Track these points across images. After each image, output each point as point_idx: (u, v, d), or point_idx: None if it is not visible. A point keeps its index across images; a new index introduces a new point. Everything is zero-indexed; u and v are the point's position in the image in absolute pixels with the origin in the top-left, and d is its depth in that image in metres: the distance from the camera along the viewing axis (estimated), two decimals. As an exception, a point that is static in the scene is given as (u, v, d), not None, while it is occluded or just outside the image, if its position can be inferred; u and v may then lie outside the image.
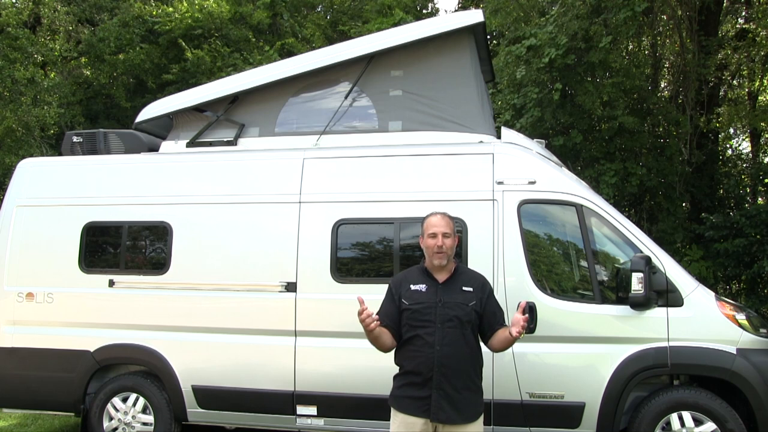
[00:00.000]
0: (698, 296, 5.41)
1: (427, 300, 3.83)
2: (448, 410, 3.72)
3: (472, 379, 3.86)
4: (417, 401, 3.77)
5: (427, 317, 3.78)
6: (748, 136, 16.30)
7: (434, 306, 3.80)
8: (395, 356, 3.94)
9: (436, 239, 3.88)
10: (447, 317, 3.73)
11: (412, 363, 3.81)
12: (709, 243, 11.60)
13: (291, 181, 6.10)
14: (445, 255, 3.88)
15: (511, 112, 11.98)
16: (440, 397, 3.72)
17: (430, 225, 3.96)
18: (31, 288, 6.45)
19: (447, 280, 3.91)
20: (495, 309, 3.96)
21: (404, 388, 3.84)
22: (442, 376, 3.72)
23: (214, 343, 6.01)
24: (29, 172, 6.82)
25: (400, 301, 3.83)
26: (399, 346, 3.91)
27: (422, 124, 6.17)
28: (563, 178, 5.83)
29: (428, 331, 3.76)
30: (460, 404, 3.76)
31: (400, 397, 3.85)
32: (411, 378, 3.81)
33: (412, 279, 3.97)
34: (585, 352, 5.41)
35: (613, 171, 11.19)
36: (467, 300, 3.80)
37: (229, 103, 6.59)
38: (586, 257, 5.60)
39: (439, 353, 3.72)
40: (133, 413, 6.23)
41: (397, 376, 3.93)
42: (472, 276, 4.09)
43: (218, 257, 6.12)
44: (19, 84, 13.86)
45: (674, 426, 5.28)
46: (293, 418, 5.85)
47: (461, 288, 3.88)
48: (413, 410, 3.77)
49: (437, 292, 3.85)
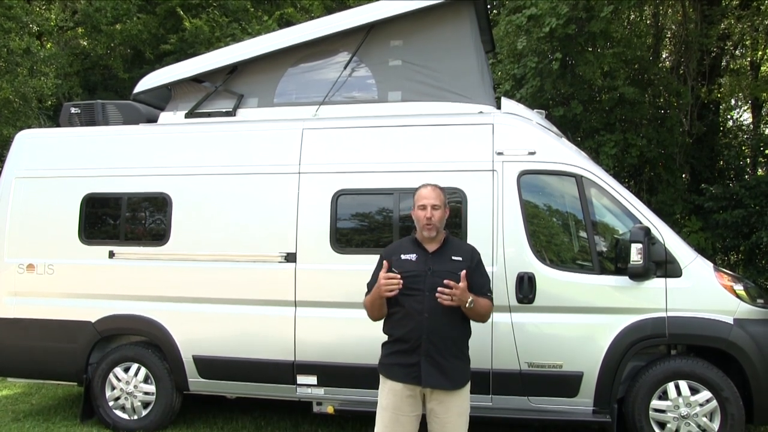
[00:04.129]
0: (697, 267, 5.43)
1: (417, 269, 3.86)
2: (436, 376, 3.78)
3: (459, 347, 3.92)
4: (406, 368, 3.82)
5: (416, 286, 3.81)
6: (749, 107, 16.20)
7: (424, 275, 3.83)
8: (384, 325, 3.99)
9: (425, 211, 3.91)
10: (436, 286, 3.76)
11: (401, 331, 3.85)
12: (709, 214, 11.62)
13: (290, 152, 6.08)
14: (434, 227, 3.91)
15: (511, 83, 11.89)
16: (428, 363, 3.77)
17: (420, 197, 3.99)
18: (32, 259, 6.47)
19: (437, 250, 3.95)
20: (481, 279, 3.98)
21: (393, 356, 3.89)
22: (430, 343, 3.77)
23: (214, 314, 6.04)
24: (27, 144, 6.80)
25: (391, 270, 3.86)
26: (388, 315, 3.95)
27: (422, 94, 6.13)
28: (563, 149, 5.81)
29: (417, 300, 3.79)
30: (448, 371, 3.81)
31: (389, 365, 3.91)
32: (400, 345, 3.86)
33: (403, 249, 4.00)
34: (583, 323, 5.45)
35: (613, 142, 11.15)
36: (456, 269, 3.82)
37: (228, 74, 6.55)
38: (586, 228, 5.61)
39: (427, 321, 3.77)
40: (135, 383, 6.29)
41: (386, 344, 3.98)
42: (461, 246, 4.13)
43: (218, 228, 6.12)
44: (15, 54, 13.72)
45: (671, 395, 5.34)
46: (293, 388, 5.90)
47: (451, 257, 3.91)
48: (402, 377, 3.83)
49: (427, 261, 3.89)
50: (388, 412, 3.86)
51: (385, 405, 3.88)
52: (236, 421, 6.61)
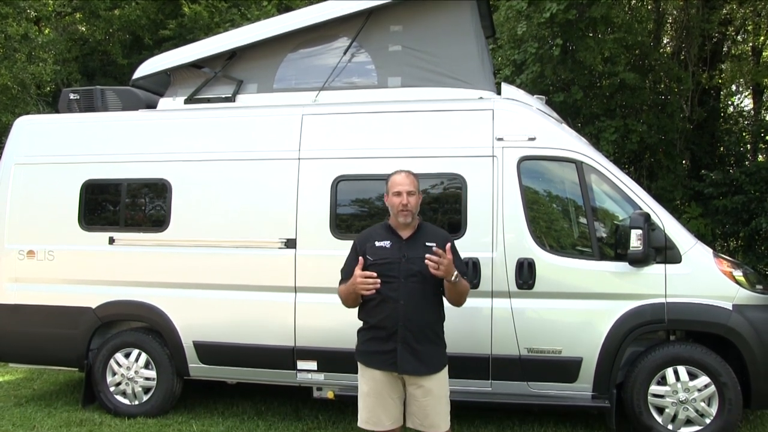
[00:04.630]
0: (696, 253, 5.43)
1: (391, 256, 3.87)
2: (413, 362, 3.80)
3: (435, 332, 3.93)
4: (383, 355, 3.84)
5: (391, 273, 3.82)
6: (750, 93, 16.16)
7: (398, 262, 3.84)
8: (359, 312, 4.01)
9: (401, 197, 3.91)
10: (410, 272, 3.78)
11: (376, 318, 3.87)
12: (708, 200, 11.62)
13: (290, 138, 6.06)
14: (410, 213, 3.91)
15: (511, 68, 11.86)
16: (405, 350, 3.79)
17: (394, 183, 3.98)
18: (32, 246, 6.47)
19: (411, 236, 3.95)
20: (456, 262, 3.93)
21: (369, 343, 3.92)
22: (406, 329, 3.79)
23: (214, 300, 6.05)
24: (26, 130, 6.78)
25: (365, 257, 3.87)
26: (363, 302, 3.96)
27: (422, 79, 6.11)
28: (563, 135, 5.80)
29: (392, 287, 3.80)
30: (424, 356, 3.83)
31: (366, 352, 3.94)
32: (376, 332, 3.88)
33: (377, 236, 4.00)
34: (583, 308, 5.46)
35: (613, 128, 11.14)
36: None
37: (227, 59, 6.52)
38: (586, 214, 5.61)
39: (403, 308, 3.78)
40: (135, 368, 6.31)
41: (362, 331, 4.00)
42: (435, 232, 4.11)
43: (217, 214, 6.12)
44: (13, 40, 13.64)
45: (669, 380, 5.36)
46: (293, 373, 5.92)
47: (424, 244, 3.89)
48: (379, 364, 3.86)
49: (401, 248, 3.89)
50: (371, 397, 3.90)
51: (367, 391, 3.92)
52: (237, 406, 6.64)
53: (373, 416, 3.89)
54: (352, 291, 3.84)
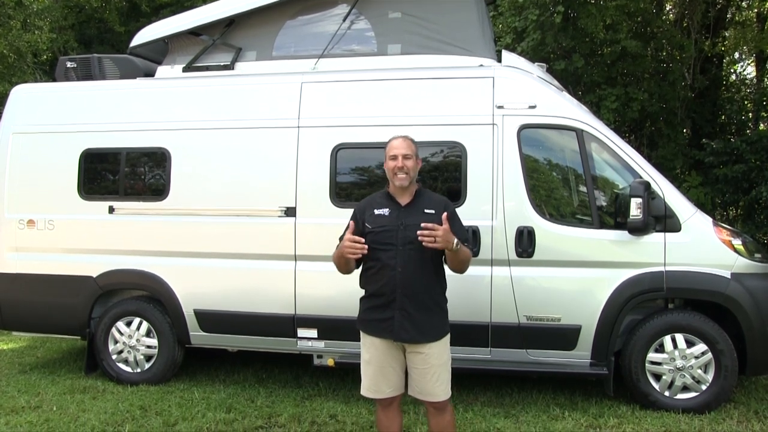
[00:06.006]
0: (696, 222, 5.44)
1: (389, 223, 3.85)
2: (410, 330, 3.79)
3: (434, 300, 3.90)
4: (381, 323, 3.84)
5: (388, 240, 3.80)
6: (753, 61, 15.99)
7: (396, 229, 3.82)
8: (360, 280, 4.00)
9: (396, 161, 3.88)
10: (408, 240, 3.76)
11: (375, 285, 3.86)
12: (709, 169, 11.60)
13: (289, 106, 6.03)
14: (407, 177, 3.87)
15: (512, 36, 11.75)
16: (403, 317, 3.78)
17: (391, 147, 3.96)
18: (32, 215, 6.48)
19: (409, 203, 3.92)
20: (456, 228, 3.89)
21: (369, 311, 3.92)
22: (404, 297, 3.78)
23: (214, 268, 6.07)
24: (24, 99, 6.75)
25: (364, 225, 3.86)
26: (363, 270, 3.96)
27: (422, 47, 6.06)
28: (564, 103, 5.76)
29: (390, 255, 3.79)
30: (422, 324, 3.81)
31: (366, 320, 3.94)
32: (375, 300, 3.88)
33: (376, 204, 3.98)
34: (582, 276, 5.48)
35: (614, 96, 11.07)
36: (429, 222, 3.80)
37: (226, 27, 6.45)
38: (586, 182, 5.60)
39: (400, 275, 3.77)
40: (137, 336, 6.36)
41: (363, 299, 4.00)
42: (433, 198, 4.07)
43: (217, 182, 6.11)
44: (7, 7, 13.49)
45: (667, 347, 5.40)
46: (294, 341, 5.96)
47: (423, 210, 3.87)
48: (378, 332, 3.86)
49: (399, 215, 3.87)
50: (372, 365, 3.91)
51: (368, 359, 3.93)
52: (238, 373, 6.70)
53: (374, 384, 3.92)
54: (341, 255, 3.83)
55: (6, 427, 5.12)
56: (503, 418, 5.31)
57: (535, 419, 5.29)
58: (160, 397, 5.88)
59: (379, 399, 3.96)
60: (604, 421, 5.20)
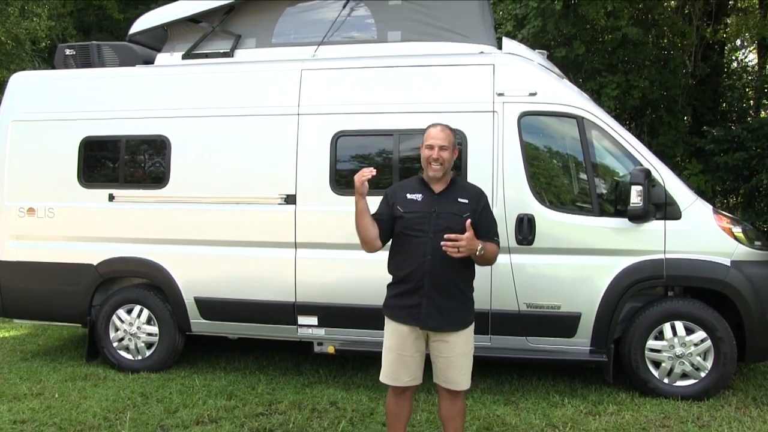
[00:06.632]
0: (696, 209, 5.44)
1: (421, 209, 3.82)
2: (437, 318, 3.78)
3: (461, 290, 3.89)
4: (408, 309, 3.82)
5: (420, 227, 3.78)
6: (755, 48, 15.91)
7: (428, 216, 3.79)
8: (388, 265, 3.98)
9: (432, 151, 3.84)
10: (440, 227, 3.74)
11: (403, 271, 3.84)
12: (709, 157, 11.59)
13: (289, 93, 6.01)
14: (441, 168, 3.84)
15: (512, 23, 11.71)
16: (430, 305, 3.77)
17: (428, 136, 3.91)
18: (32, 203, 6.48)
19: (443, 191, 3.89)
20: (487, 222, 3.91)
21: (396, 297, 3.90)
22: (432, 285, 3.76)
23: (215, 256, 6.08)
24: (22, 87, 6.72)
25: (395, 207, 3.84)
26: (392, 255, 3.94)
27: (422, 34, 6.03)
28: (565, 90, 5.75)
29: (421, 241, 3.77)
30: (449, 313, 3.81)
31: (392, 306, 3.92)
32: (402, 287, 3.85)
33: (409, 188, 3.95)
34: (582, 264, 5.48)
35: (615, 83, 11.04)
36: (461, 211, 3.79)
37: (225, 14, 6.42)
38: (586, 170, 5.59)
39: (430, 262, 3.75)
40: (138, 324, 6.37)
41: (390, 285, 3.98)
42: (468, 188, 4.05)
43: (217, 170, 6.11)
44: (4, -6, 13.46)
45: (666, 335, 5.42)
46: (294, 328, 5.98)
47: (457, 199, 3.85)
48: (404, 318, 3.84)
49: (432, 202, 3.84)
50: (392, 352, 3.89)
51: (390, 346, 3.91)
52: (238, 361, 6.72)
53: (393, 371, 3.89)
54: (357, 199, 3.77)
55: (9, 414, 5.14)
56: (503, 405, 5.33)
57: (534, 406, 5.30)
58: (161, 385, 5.90)
59: (394, 386, 3.95)
60: (604, 408, 5.22)
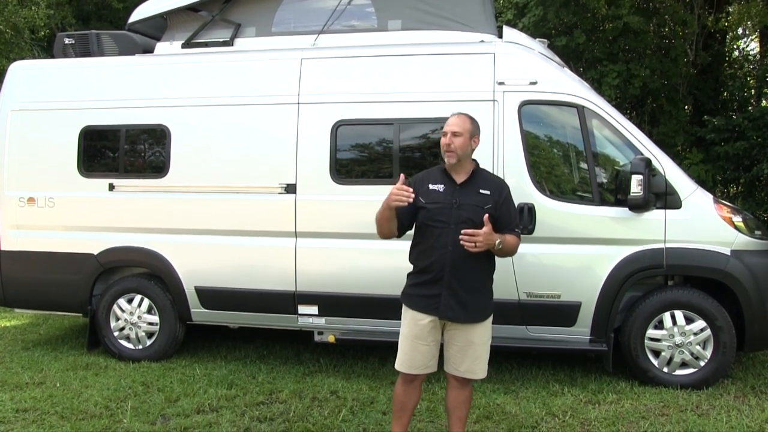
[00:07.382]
0: (696, 199, 5.43)
1: (443, 200, 3.81)
2: (456, 309, 3.78)
3: (481, 281, 3.89)
4: (427, 299, 3.82)
5: (441, 218, 3.77)
6: (757, 36, 15.83)
7: (449, 207, 3.78)
8: (410, 255, 3.97)
9: (446, 137, 3.83)
10: (461, 219, 3.73)
11: (424, 262, 3.83)
12: (710, 146, 11.56)
13: (289, 82, 6.00)
14: (454, 154, 3.80)
15: (513, 11, 11.68)
16: (449, 296, 3.77)
17: (446, 124, 3.90)
18: (32, 193, 6.47)
19: (465, 181, 3.87)
20: (508, 214, 3.90)
21: (416, 287, 3.89)
22: (452, 276, 3.76)
23: (215, 245, 6.08)
24: (22, 76, 6.70)
25: (417, 198, 3.82)
26: (413, 245, 3.93)
27: (422, 22, 6.01)
28: (565, 79, 5.73)
29: (442, 232, 3.76)
30: (468, 304, 3.81)
31: (411, 295, 3.91)
32: (423, 276, 3.85)
33: (432, 178, 3.92)
34: (583, 253, 5.49)
35: (615, 72, 11.01)
36: (483, 203, 3.78)
37: (225, 2, 6.39)
38: (586, 159, 5.58)
39: (451, 254, 3.74)
40: (138, 313, 6.38)
41: (410, 275, 3.97)
42: (490, 179, 4.02)
43: (217, 159, 6.10)
44: (2, -17, 13.37)
45: (666, 324, 5.43)
46: (295, 318, 5.99)
47: (478, 191, 3.84)
48: (423, 307, 3.83)
49: (454, 193, 3.82)
50: (408, 340, 3.89)
51: (406, 333, 3.91)
52: (239, 350, 6.74)
53: (407, 359, 3.89)
54: (385, 207, 3.75)
55: (11, 403, 5.16)
56: (503, 394, 5.35)
57: (534, 395, 5.32)
58: (161, 374, 5.92)
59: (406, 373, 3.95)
60: (603, 397, 5.24)
